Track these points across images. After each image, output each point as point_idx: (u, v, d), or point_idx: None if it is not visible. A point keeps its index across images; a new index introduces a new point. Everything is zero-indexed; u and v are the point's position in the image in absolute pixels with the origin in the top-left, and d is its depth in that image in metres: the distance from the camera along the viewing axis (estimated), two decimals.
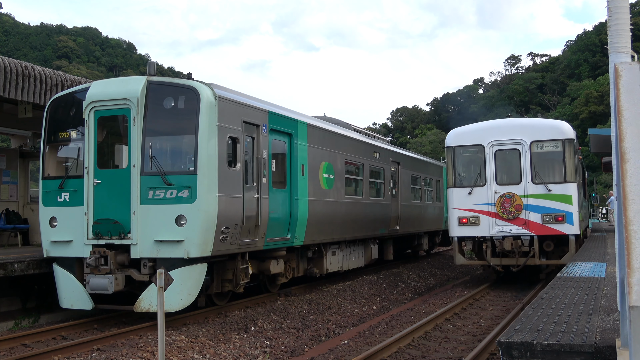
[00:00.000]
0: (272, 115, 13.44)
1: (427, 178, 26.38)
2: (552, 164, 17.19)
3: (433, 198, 27.12)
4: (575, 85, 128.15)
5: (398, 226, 21.72)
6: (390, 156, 21.51)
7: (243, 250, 12.33)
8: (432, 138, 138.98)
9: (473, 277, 23.23)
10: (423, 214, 25.31)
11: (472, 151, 17.78)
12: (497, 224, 17.13)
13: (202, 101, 11.34)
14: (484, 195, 17.33)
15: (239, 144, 12.08)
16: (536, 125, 17.60)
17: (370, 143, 19.72)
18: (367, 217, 18.83)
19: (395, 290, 18.65)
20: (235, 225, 11.80)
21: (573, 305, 10.16)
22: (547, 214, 16.87)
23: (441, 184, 28.46)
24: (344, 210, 16.98)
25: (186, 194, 11.10)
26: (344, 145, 17.34)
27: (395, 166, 22.00)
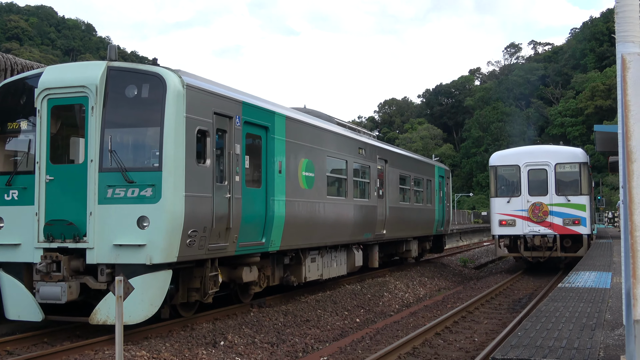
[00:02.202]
0: (246, 107, 13.41)
1: (418, 178, 26.48)
2: (571, 181, 26.01)
3: (424, 200, 27.24)
4: (580, 77, 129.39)
5: (385, 230, 21.79)
6: (377, 153, 21.57)
7: (212, 255, 12.28)
8: (423, 133, 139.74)
9: (466, 286, 23.39)
10: (412, 218, 25.41)
11: (510, 170, 26.57)
12: (529, 226, 25.80)
13: (168, 90, 11.28)
14: (519, 203, 26.05)
15: (209, 137, 12.03)
16: (560, 151, 27.07)
17: (355, 138, 19.76)
18: (350, 220, 18.87)
19: (381, 302, 18.70)
20: (204, 228, 11.75)
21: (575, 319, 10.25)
22: (567, 218, 25.62)
23: (433, 185, 28.60)
24: (325, 212, 16.99)
25: (149, 193, 11.04)
26: (326, 140, 17.36)
27: (382, 164, 22.06)
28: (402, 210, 23.94)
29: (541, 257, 26.10)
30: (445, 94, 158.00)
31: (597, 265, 20.32)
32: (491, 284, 23.66)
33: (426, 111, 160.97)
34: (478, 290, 21.78)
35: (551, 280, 23.30)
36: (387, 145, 23.89)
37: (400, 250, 25.47)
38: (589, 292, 13.81)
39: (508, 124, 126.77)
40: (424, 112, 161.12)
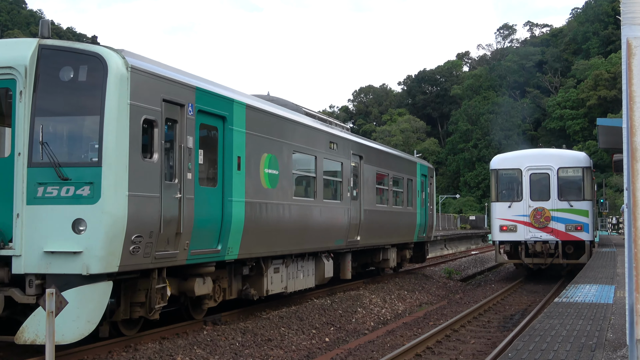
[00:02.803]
0: (201, 93, 13.36)
1: (397, 177, 26.62)
2: (573, 186, 28.65)
3: (404, 202, 27.39)
4: (582, 64, 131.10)
5: (359, 237, 21.86)
6: (351, 148, 21.63)
7: (160, 265, 12.22)
8: (404, 126, 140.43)
9: (452, 300, 23.57)
10: (391, 222, 25.53)
11: (511, 173, 29.15)
12: (530, 231, 28.32)
13: (110, 72, 11.19)
14: (521, 208, 28.51)
15: (157, 128, 11.97)
16: (562, 155, 30.02)
17: (326, 131, 19.80)
18: (320, 225, 18.90)
19: (354, 318, 18.75)
20: (150, 233, 11.69)
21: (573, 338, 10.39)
22: (569, 224, 28.16)
23: (414, 185, 28.77)
24: (291, 215, 17.00)
25: (87, 192, 10.95)
26: (292, 132, 17.36)
27: (356, 161, 22.14)
28: (379, 214, 24.04)
29: (542, 264, 28.70)
30: (429, 81, 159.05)
31: (598, 278, 20.62)
32: (479, 298, 23.88)
33: (407, 101, 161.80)
34: (465, 306, 21.96)
35: (547, 294, 23.59)
36: (363, 139, 23.96)
37: (376, 260, 25.58)
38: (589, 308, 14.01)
39: (500, 116, 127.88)
40: (405, 102, 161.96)
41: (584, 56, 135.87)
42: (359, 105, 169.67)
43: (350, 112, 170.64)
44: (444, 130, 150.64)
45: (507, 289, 25.49)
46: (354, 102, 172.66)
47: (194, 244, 13.01)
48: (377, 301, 21.78)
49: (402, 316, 20.45)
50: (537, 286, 27.97)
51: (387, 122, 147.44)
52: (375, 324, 18.70)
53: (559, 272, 31.12)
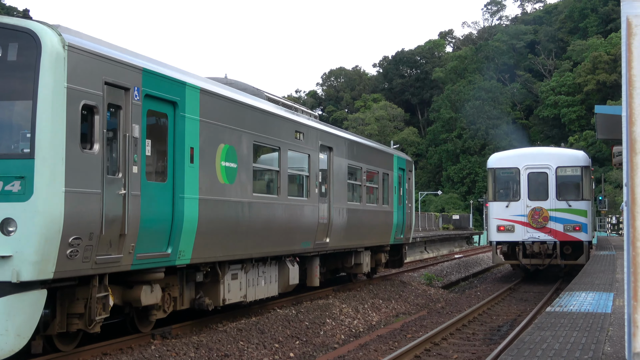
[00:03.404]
0: (148, 75, 13.29)
1: (372, 171, 26.70)
2: (572, 185, 31.59)
3: (379, 199, 27.48)
4: (579, 45, 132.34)
5: (328, 238, 21.90)
6: (320, 138, 21.65)
7: (101, 271, 12.15)
8: (379, 113, 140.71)
9: (432, 310, 23.72)
10: (364, 222, 25.61)
11: (509, 172, 32.04)
12: (528, 232, 31.08)
13: (44, 51, 11.09)
14: (519, 208, 31.28)
15: (98, 115, 11.89)
16: (561, 154, 33.16)
17: (291, 119, 19.79)
18: (284, 225, 18.90)
19: (322, 330, 18.80)
20: (90, 235, 11.62)
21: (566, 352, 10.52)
22: (567, 224, 30.92)
23: (390, 180, 28.88)
24: (251, 214, 16.98)
25: (17, 188, 10.86)
26: (253, 121, 17.34)
27: (326, 153, 22.16)
28: (351, 213, 24.10)
29: (540, 265, 31.68)
30: (407, 63, 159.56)
31: (595, 284, 20.88)
32: (463, 307, 24.05)
33: (383, 85, 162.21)
34: (447, 316, 22.11)
35: (539, 302, 23.83)
36: (333, 129, 23.99)
37: (347, 264, 25.63)
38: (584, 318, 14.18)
39: (488, 103, 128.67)
40: (381, 86, 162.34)
41: (581, 36, 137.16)
42: (329, 90, 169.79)
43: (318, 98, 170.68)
44: (425, 118, 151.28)
45: (494, 297, 25.71)
46: (323, 87, 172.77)
47: (141, 247, 12.95)
48: (349, 311, 21.84)
49: (377, 328, 20.54)
50: (528, 294, 28.24)
51: (361, 109, 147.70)
52: (346, 337, 18.76)
53: (556, 273, 33.94)
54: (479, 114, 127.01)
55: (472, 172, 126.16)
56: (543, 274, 34.75)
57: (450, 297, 28.59)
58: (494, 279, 36.33)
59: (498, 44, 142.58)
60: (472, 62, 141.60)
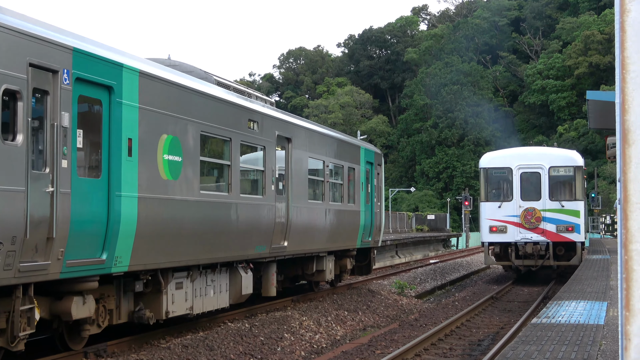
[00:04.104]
0: (80, 56, 13.20)
1: (336, 165, 26.74)
2: (565, 185, 35.18)
3: (344, 197, 27.53)
4: (570, 23, 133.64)
5: (286, 242, 21.91)
6: (276, 128, 21.64)
7: (26, 280, 12.06)
8: (344, 100, 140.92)
9: (404, 323, 23.84)
10: (327, 223, 25.65)
11: (502, 172, 35.55)
12: (521, 232, 34.54)
13: None
14: (511, 208, 34.78)
15: (21, 102, 11.80)
16: (554, 154, 36.78)
17: (243, 106, 19.76)
18: (236, 227, 18.87)
19: (280, 346, 18.82)
20: (13, 239, 11.54)
21: None
22: (560, 224, 34.29)
23: (357, 175, 28.95)
24: (197, 214, 16.94)
25: None
26: (200, 108, 17.28)
27: (283, 144, 22.16)
28: (312, 213, 24.13)
29: (533, 266, 35.10)
30: (376, 42, 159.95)
31: (587, 292, 21.12)
32: (440, 319, 24.19)
33: (349, 67, 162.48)
34: (421, 329, 22.23)
35: (524, 313, 24.05)
36: (292, 117, 23.98)
37: (308, 271, 25.67)
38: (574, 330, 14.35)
39: (467, 88, 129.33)
40: (346, 69, 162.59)
41: (572, 12, 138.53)
42: (287, 73, 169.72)
43: (275, 82, 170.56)
44: (396, 105, 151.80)
45: (474, 308, 25.89)
46: (280, 69, 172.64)
47: (71, 253, 12.87)
48: (310, 324, 21.88)
49: (341, 343, 20.59)
50: (512, 303, 28.48)
51: (323, 94, 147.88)
52: (306, 354, 18.79)
53: (549, 276, 37.08)
54: (457, 100, 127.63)
55: (450, 166, 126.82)
56: (533, 277, 37.63)
57: (424, 308, 28.75)
58: (475, 286, 36.59)
59: (478, 21, 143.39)
60: (449, 41, 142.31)
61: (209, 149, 18.14)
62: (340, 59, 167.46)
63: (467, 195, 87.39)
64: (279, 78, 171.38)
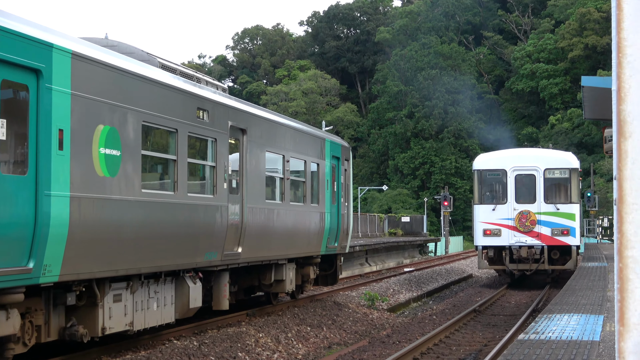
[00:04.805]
0: (2, 34, 13.09)
1: (297, 160, 26.73)
2: (560, 188, 38.55)
3: (306, 197, 27.54)
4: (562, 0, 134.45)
5: (240, 248, 21.89)
6: (230, 117, 21.61)
7: None
8: (308, 85, 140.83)
9: (375, 340, 23.91)
10: (288, 226, 25.65)
11: (496, 174, 38.93)
12: (515, 236, 37.83)
13: None
14: (505, 211, 38.08)
15: None
16: (549, 156, 40.42)
17: (191, 92, 19.71)
18: (182, 231, 18.82)
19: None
20: None
21: None
22: (555, 228, 37.57)
23: (322, 171, 28.96)
24: (139, 216, 16.88)
25: None
26: (142, 95, 17.21)
27: (238, 136, 22.14)
28: (270, 214, 24.12)
29: (527, 270, 38.43)
30: (344, 20, 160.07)
31: (581, 305, 21.28)
32: (415, 335, 24.27)
33: (313, 49, 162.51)
34: (393, 347, 22.30)
35: (511, 328, 24.17)
36: (247, 105, 23.95)
37: (266, 281, 25.66)
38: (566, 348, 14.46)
39: (447, 73, 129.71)
40: (310, 51, 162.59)
41: None
42: (242, 55, 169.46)
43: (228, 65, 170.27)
44: (366, 92, 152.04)
45: (454, 322, 25.99)
46: (234, 51, 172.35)
47: None
48: (267, 342, 21.88)
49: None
50: (497, 317, 28.64)
51: (284, 79, 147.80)
52: None
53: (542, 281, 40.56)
54: (436, 86, 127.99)
55: (427, 162, 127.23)
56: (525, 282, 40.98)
57: (398, 323, 28.82)
58: (455, 298, 36.77)
59: None
60: (427, 19, 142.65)
61: (152, 141, 18.06)
62: (303, 39, 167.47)
63: (447, 194, 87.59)
64: (232, 61, 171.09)
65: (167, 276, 19.03)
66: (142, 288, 17.92)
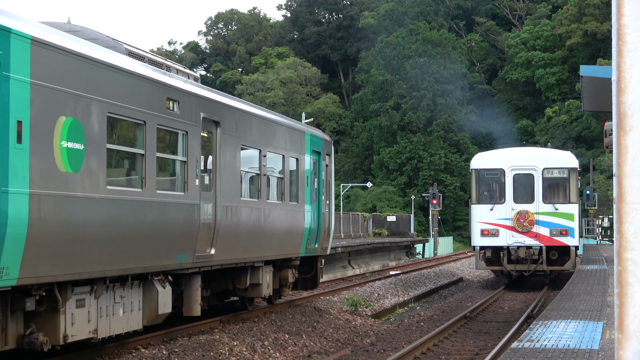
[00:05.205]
0: None
1: (275, 155, 26.72)
2: (559, 187, 40.75)
3: (285, 194, 27.52)
4: None
5: (213, 249, 21.87)
6: (202, 109, 21.59)
7: None
8: (287, 74, 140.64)
9: (358, 348, 23.94)
10: (264, 226, 25.63)
11: (494, 174, 41.09)
12: (513, 236, 39.93)
13: None
14: (503, 211, 40.15)
15: None
16: (548, 155, 42.51)
17: (161, 82, 19.68)
18: (151, 231, 18.80)
19: None
20: None
21: None
22: (554, 228, 39.63)
23: (302, 167, 28.95)
24: (104, 215, 16.85)
25: None
26: (107, 84, 17.18)
27: (210, 129, 22.11)
28: (245, 213, 24.10)
29: (525, 271, 40.78)
30: (326, 5, 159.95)
31: (579, 310, 21.36)
32: (401, 344, 24.31)
33: (292, 35, 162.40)
34: (378, 356, 22.33)
35: (504, 336, 24.23)
36: (221, 96, 23.92)
37: (241, 285, 25.63)
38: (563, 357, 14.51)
39: (436, 61, 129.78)
40: (289, 37, 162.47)
41: None
42: (216, 41, 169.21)
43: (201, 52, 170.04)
44: (349, 82, 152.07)
45: (443, 329, 26.04)
46: (207, 37, 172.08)
47: None
48: (242, 350, 21.89)
49: None
50: (489, 324, 28.71)
51: (260, 68, 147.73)
52: None
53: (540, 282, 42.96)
54: (424, 76, 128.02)
55: (415, 157, 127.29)
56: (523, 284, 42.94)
57: (382, 330, 28.86)
58: (444, 303, 36.83)
59: None
60: (415, 4, 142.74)
61: (118, 134, 18.03)
62: (281, 24, 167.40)
63: (436, 192, 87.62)
64: (205, 47, 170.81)
65: (134, 280, 18.99)
66: (107, 292, 17.88)
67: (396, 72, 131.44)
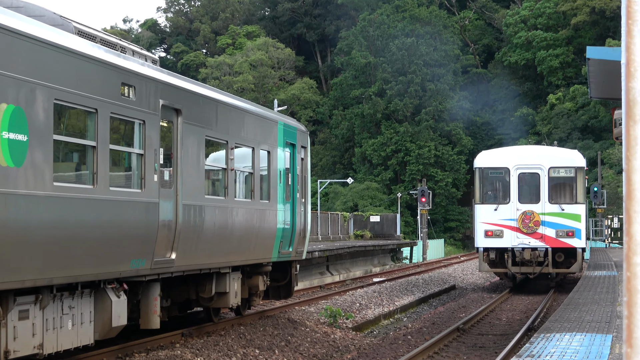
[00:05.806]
0: None
1: (244, 147, 26.70)
2: (565, 187, 43.57)
3: (254, 192, 27.49)
4: None
5: (174, 253, 21.85)
6: (161, 95, 21.56)
7: None
8: (257, 56, 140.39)
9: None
10: (232, 227, 25.62)
11: (498, 173, 43.86)
12: (518, 237, 42.65)
13: None
14: (508, 211, 42.96)
15: None
16: (554, 154, 45.96)
17: (114, 65, 19.64)
18: (102, 233, 18.76)
19: None
20: None
21: None
22: (560, 229, 42.32)
23: (274, 161, 28.94)
24: (50, 215, 16.81)
25: None
26: (54, 68, 17.14)
27: (171, 118, 22.09)
28: (210, 213, 24.09)
29: (530, 273, 43.52)
30: None
31: (585, 322, 21.43)
32: (386, 359, 24.32)
33: (263, 12, 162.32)
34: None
35: (502, 350, 24.27)
36: (183, 80, 23.90)
37: (205, 294, 25.62)
38: None
39: (425, 42, 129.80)
40: (259, 14, 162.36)
41: None
42: (177, 18, 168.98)
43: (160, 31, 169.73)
44: (327, 65, 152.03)
45: (434, 343, 26.07)
46: (167, 14, 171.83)
47: None
48: None
49: None
50: (485, 337, 28.76)
51: (227, 49, 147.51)
52: None
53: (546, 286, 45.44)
54: (412, 58, 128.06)
55: (401, 149, 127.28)
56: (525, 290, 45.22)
57: (365, 344, 28.88)
58: (434, 314, 36.86)
59: None
60: None
61: (67, 124, 17.97)
62: (251, 0, 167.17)
63: (425, 188, 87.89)
64: (165, 26, 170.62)
65: (84, 288, 18.93)
66: (54, 303, 17.83)
67: (380, 54, 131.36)
